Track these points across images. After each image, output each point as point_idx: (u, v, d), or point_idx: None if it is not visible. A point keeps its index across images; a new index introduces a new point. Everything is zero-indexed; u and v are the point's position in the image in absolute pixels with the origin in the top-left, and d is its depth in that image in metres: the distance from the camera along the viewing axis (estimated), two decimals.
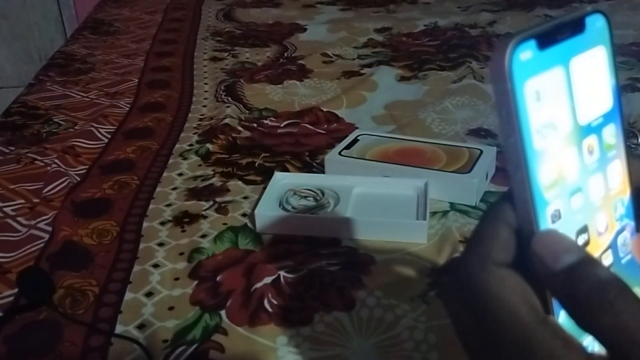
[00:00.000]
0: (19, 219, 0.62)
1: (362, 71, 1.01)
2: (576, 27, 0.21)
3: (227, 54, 1.11)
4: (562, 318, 0.22)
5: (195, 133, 0.80)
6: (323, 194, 0.61)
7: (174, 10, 1.43)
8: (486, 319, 0.21)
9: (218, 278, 0.52)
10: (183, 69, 1.04)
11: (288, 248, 0.56)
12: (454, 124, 0.80)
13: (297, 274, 0.52)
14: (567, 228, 0.22)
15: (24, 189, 0.67)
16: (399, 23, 1.26)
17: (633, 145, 0.73)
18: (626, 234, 0.24)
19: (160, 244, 0.57)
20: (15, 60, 0.95)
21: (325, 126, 0.81)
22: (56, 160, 0.73)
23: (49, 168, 0.71)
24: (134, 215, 0.62)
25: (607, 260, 0.23)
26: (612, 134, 0.23)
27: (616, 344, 0.19)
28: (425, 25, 1.24)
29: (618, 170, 0.23)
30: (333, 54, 1.09)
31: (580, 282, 0.20)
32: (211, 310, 0.49)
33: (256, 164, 0.71)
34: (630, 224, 0.24)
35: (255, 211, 0.58)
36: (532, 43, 0.20)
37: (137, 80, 0.99)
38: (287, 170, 0.69)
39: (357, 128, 0.79)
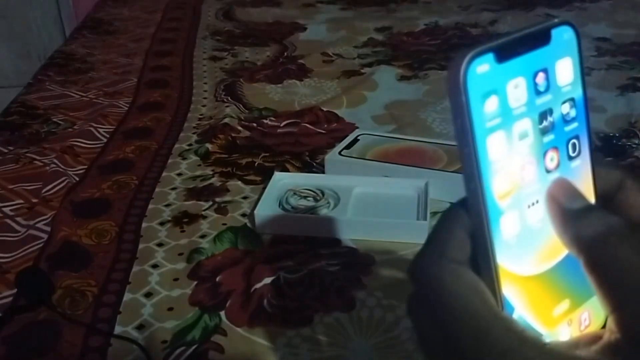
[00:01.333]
0: (17, 219, 0.62)
1: (362, 71, 1.01)
2: (541, 39, 0.21)
3: (226, 53, 1.11)
4: (516, 315, 0.22)
5: (194, 133, 0.80)
6: (323, 194, 0.61)
7: (174, 9, 1.42)
8: (442, 314, 0.21)
9: (217, 278, 0.52)
10: (182, 69, 1.04)
11: (288, 248, 0.56)
12: None
13: (297, 275, 0.52)
14: (524, 239, 0.22)
15: (22, 189, 0.67)
16: (399, 22, 1.26)
17: (634, 145, 0.73)
18: None
19: (160, 244, 0.57)
20: (14, 59, 0.95)
21: (325, 126, 0.81)
22: (55, 160, 0.72)
23: (47, 168, 0.71)
24: (133, 216, 0.61)
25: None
26: (576, 145, 0.23)
27: (624, 285, 0.20)
28: (425, 25, 1.24)
29: (582, 181, 0.23)
30: (333, 54, 1.09)
31: (596, 221, 0.21)
32: (211, 310, 0.48)
33: (256, 164, 0.71)
34: None
35: (255, 211, 0.58)
36: (490, 56, 0.20)
37: (136, 80, 0.99)
38: (287, 170, 0.69)
39: (357, 128, 0.78)
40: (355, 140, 0.70)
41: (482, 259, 0.22)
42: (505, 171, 0.21)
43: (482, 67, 0.20)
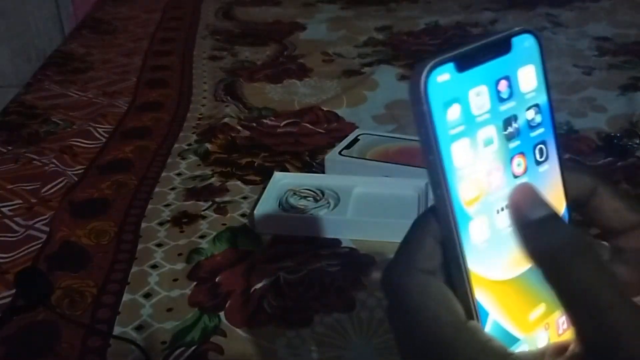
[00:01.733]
0: (16, 219, 0.61)
1: (362, 70, 1.01)
2: (501, 48, 0.22)
3: (226, 52, 1.11)
4: (490, 326, 0.22)
5: (194, 133, 0.79)
6: (323, 194, 0.61)
7: (173, 8, 1.42)
8: (411, 324, 0.22)
9: (217, 279, 0.52)
10: (182, 68, 1.04)
11: (287, 249, 0.55)
12: None
13: (297, 275, 0.52)
14: (494, 244, 0.22)
15: (21, 189, 0.67)
16: (399, 22, 1.26)
17: (636, 145, 0.73)
18: None
19: (159, 245, 0.57)
20: (13, 59, 0.94)
21: (325, 126, 0.80)
22: (54, 160, 0.72)
23: (46, 168, 0.71)
24: (132, 216, 0.61)
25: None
26: (543, 150, 0.23)
27: (578, 301, 0.20)
28: (426, 24, 1.23)
29: (551, 185, 0.24)
30: (333, 53, 1.09)
31: (553, 233, 0.21)
32: (210, 311, 0.48)
33: (255, 164, 0.71)
34: None
35: (255, 211, 0.58)
36: (450, 66, 0.20)
37: (135, 80, 0.98)
38: (287, 170, 0.69)
39: (357, 127, 0.78)
40: (356, 140, 0.70)
41: (453, 266, 0.22)
42: (471, 178, 0.21)
43: (443, 77, 0.20)
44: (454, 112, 0.20)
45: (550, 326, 0.24)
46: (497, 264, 0.22)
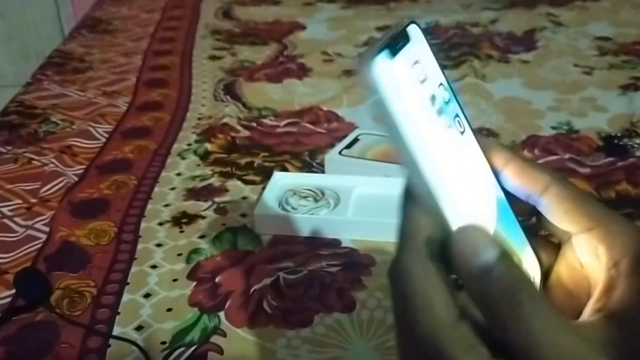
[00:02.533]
0: (16, 219, 0.61)
1: None
2: (405, 37, 0.23)
3: (226, 52, 1.11)
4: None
5: (193, 132, 0.79)
6: (323, 194, 0.61)
7: (173, 8, 1.42)
8: (406, 311, 0.21)
9: (217, 279, 0.52)
10: (181, 68, 1.04)
11: (287, 249, 0.55)
12: None
13: (297, 275, 0.52)
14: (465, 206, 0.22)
15: (21, 189, 0.67)
16: (399, 21, 1.25)
17: (636, 145, 0.73)
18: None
19: (159, 245, 0.57)
20: (13, 59, 0.94)
21: (326, 125, 0.80)
22: (53, 160, 0.72)
23: (46, 168, 0.71)
24: (132, 216, 0.61)
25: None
26: (460, 122, 0.24)
27: (522, 349, 0.20)
28: (426, 24, 1.23)
29: (475, 155, 0.24)
30: (333, 53, 1.09)
31: (492, 282, 0.20)
32: (210, 311, 0.48)
33: (255, 164, 0.71)
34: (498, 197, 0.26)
35: (255, 211, 0.58)
36: (387, 52, 0.21)
37: (135, 79, 0.98)
38: (287, 170, 0.69)
39: (357, 127, 0.78)
40: (356, 139, 0.70)
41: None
42: (436, 154, 0.22)
43: (385, 62, 0.21)
44: (403, 95, 0.21)
45: None
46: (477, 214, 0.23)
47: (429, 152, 0.22)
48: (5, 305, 0.50)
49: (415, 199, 0.22)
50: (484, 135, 0.77)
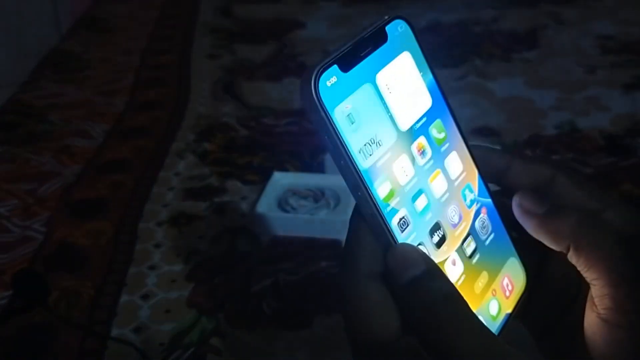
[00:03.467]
0: (13, 219, 0.61)
1: None
2: (378, 38, 0.22)
3: (225, 51, 1.10)
4: None
5: (192, 132, 0.79)
6: (323, 194, 0.60)
7: (171, 6, 1.41)
8: (351, 329, 0.22)
9: (215, 280, 0.51)
10: (180, 67, 1.03)
11: (287, 250, 0.55)
12: None
13: (296, 276, 0.51)
14: (419, 231, 0.23)
15: (18, 188, 0.66)
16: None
17: (639, 144, 0.72)
18: (483, 216, 0.25)
19: (157, 245, 0.56)
20: (9, 57, 0.93)
21: None
22: (51, 160, 0.71)
23: (43, 167, 0.70)
24: (130, 216, 0.61)
25: (470, 247, 0.24)
26: (440, 128, 0.24)
27: (442, 357, 0.20)
28: (427, 22, 1.23)
29: (456, 161, 0.24)
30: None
31: (417, 297, 0.21)
32: (208, 313, 0.48)
33: (254, 164, 0.70)
34: (486, 204, 0.25)
35: (254, 212, 0.57)
36: (335, 68, 0.20)
37: (133, 78, 0.98)
38: (287, 170, 0.68)
39: None
40: None
41: None
42: (382, 175, 0.22)
43: (331, 80, 0.20)
44: (345, 115, 0.21)
45: (497, 291, 0.25)
46: (427, 252, 0.23)
47: (374, 179, 0.21)
48: (2, 306, 0.49)
49: (363, 217, 0.22)
50: (485, 136, 0.76)
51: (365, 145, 0.21)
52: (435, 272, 0.21)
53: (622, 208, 0.24)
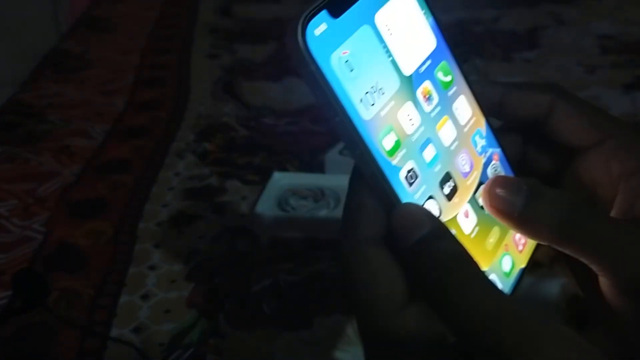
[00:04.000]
0: (12, 219, 0.61)
1: None
2: None
3: (225, 50, 1.10)
4: None
5: (192, 132, 0.79)
6: (323, 194, 0.60)
7: (171, 6, 1.41)
8: (352, 298, 0.21)
9: (215, 280, 0.51)
10: (180, 66, 1.03)
11: (287, 249, 0.55)
12: None
13: (297, 276, 0.51)
14: (428, 183, 0.21)
15: (17, 188, 0.66)
16: None
17: None
18: (495, 162, 0.24)
19: (156, 246, 0.56)
20: (9, 57, 0.93)
21: (326, 125, 0.80)
22: (50, 160, 0.71)
23: (43, 167, 0.70)
24: (130, 216, 0.61)
25: None
26: (446, 71, 0.22)
27: (453, 320, 0.19)
28: None
29: (465, 105, 0.23)
30: None
31: (424, 259, 0.20)
32: (208, 313, 0.48)
33: (255, 164, 0.70)
34: (497, 151, 0.24)
35: (254, 212, 0.57)
36: (324, 14, 0.18)
37: (133, 78, 0.97)
38: (287, 170, 0.68)
39: None
40: None
41: None
42: (386, 125, 0.20)
43: (320, 28, 0.18)
44: (343, 62, 0.19)
45: (509, 246, 0.23)
46: (439, 205, 0.21)
47: (376, 131, 0.19)
48: (2, 307, 0.49)
49: (363, 178, 0.21)
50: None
51: (366, 94, 0.19)
52: (442, 232, 0.20)
53: (624, 137, 0.22)
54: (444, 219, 0.21)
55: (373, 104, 0.19)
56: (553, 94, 0.24)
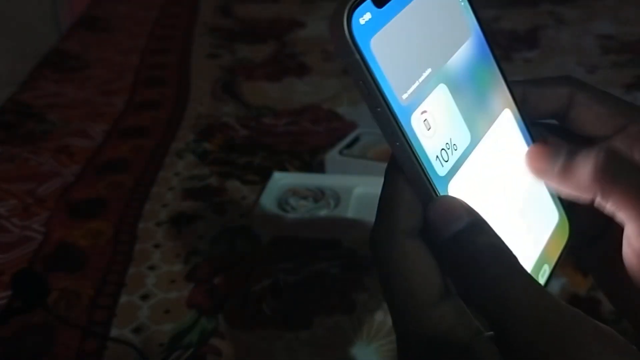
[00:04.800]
0: (12, 219, 0.61)
1: None
2: None
3: (224, 50, 1.10)
4: None
5: (192, 132, 0.78)
6: (323, 194, 0.60)
7: (171, 6, 1.41)
8: (388, 296, 0.20)
9: (215, 280, 0.51)
10: (180, 66, 1.03)
11: (287, 250, 0.55)
12: None
13: (297, 276, 0.51)
14: (473, 162, 0.21)
15: (17, 188, 0.66)
16: None
17: None
18: None
19: (156, 246, 0.56)
20: (8, 57, 0.93)
21: (326, 124, 0.80)
22: (50, 160, 0.71)
23: (42, 167, 0.70)
24: (129, 216, 0.60)
25: None
26: (483, 60, 0.22)
27: (492, 314, 0.19)
28: None
29: (495, 88, 0.23)
30: (334, 51, 1.08)
31: (462, 252, 0.19)
32: (208, 313, 0.48)
33: (254, 164, 0.70)
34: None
35: (254, 212, 0.57)
36: (368, 3, 0.18)
37: (132, 78, 0.97)
38: (286, 170, 0.68)
39: (358, 126, 0.77)
40: (356, 139, 0.69)
41: None
42: (426, 116, 0.20)
43: (365, 17, 0.18)
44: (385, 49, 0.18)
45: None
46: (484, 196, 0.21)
47: (416, 118, 0.19)
48: (1, 307, 0.49)
49: (400, 168, 0.20)
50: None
51: (406, 78, 0.19)
52: (481, 225, 0.20)
53: None
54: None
55: (417, 94, 0.19)
56: (571, 86, 0.24)
